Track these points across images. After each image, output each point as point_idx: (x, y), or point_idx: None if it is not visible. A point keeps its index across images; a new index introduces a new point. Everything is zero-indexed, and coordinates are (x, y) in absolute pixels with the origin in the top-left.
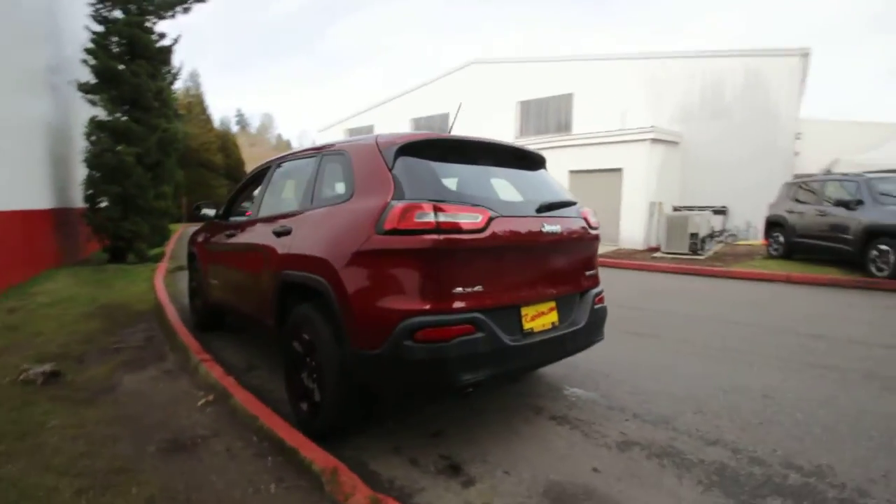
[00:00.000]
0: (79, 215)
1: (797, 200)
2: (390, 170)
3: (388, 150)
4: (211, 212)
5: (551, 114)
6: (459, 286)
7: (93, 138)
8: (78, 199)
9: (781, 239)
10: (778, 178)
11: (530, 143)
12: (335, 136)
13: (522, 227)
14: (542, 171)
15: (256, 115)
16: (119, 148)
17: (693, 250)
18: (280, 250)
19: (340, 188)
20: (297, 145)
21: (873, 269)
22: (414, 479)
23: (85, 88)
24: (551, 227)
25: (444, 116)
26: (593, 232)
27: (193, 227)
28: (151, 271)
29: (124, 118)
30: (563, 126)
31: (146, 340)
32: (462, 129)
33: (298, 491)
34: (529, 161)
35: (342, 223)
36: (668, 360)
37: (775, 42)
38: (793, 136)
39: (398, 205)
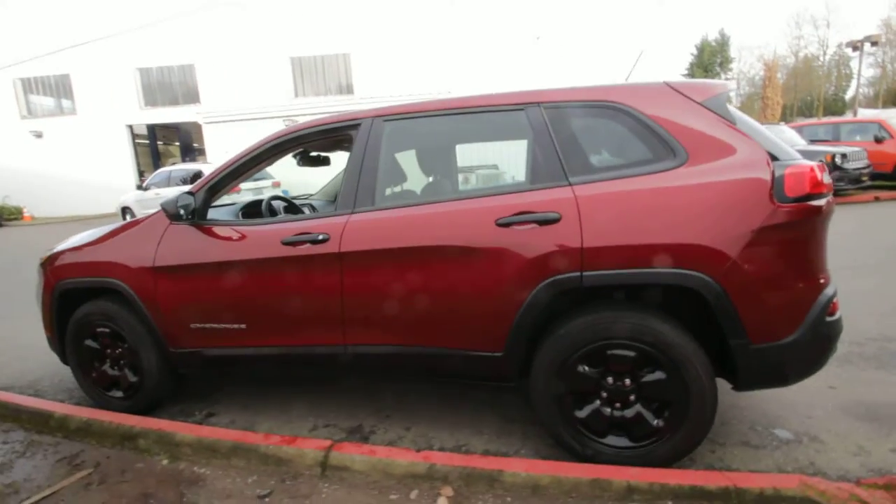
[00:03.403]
0: None
1: (812, 141)
2: (733, 124)
3: (713, 100)
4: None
5: (330, 74)
6: None
7: None
8: None
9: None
10: None
11: (310, 107)
12: None
13: None
14: None
15: None
16: None
17: None
18: (533, 250)
19: (636, 151)
20: None
21: None
22: (777, 459)
23: None
24: None
25: (189, 68)
26: None
27: None
28: None
29: None
30: (346, 88)
31: (70, 466)
32: (224, 83)
33: None
34: None
35: (704, 196)
36: None
37: None
38: None
39: (803, 166)
